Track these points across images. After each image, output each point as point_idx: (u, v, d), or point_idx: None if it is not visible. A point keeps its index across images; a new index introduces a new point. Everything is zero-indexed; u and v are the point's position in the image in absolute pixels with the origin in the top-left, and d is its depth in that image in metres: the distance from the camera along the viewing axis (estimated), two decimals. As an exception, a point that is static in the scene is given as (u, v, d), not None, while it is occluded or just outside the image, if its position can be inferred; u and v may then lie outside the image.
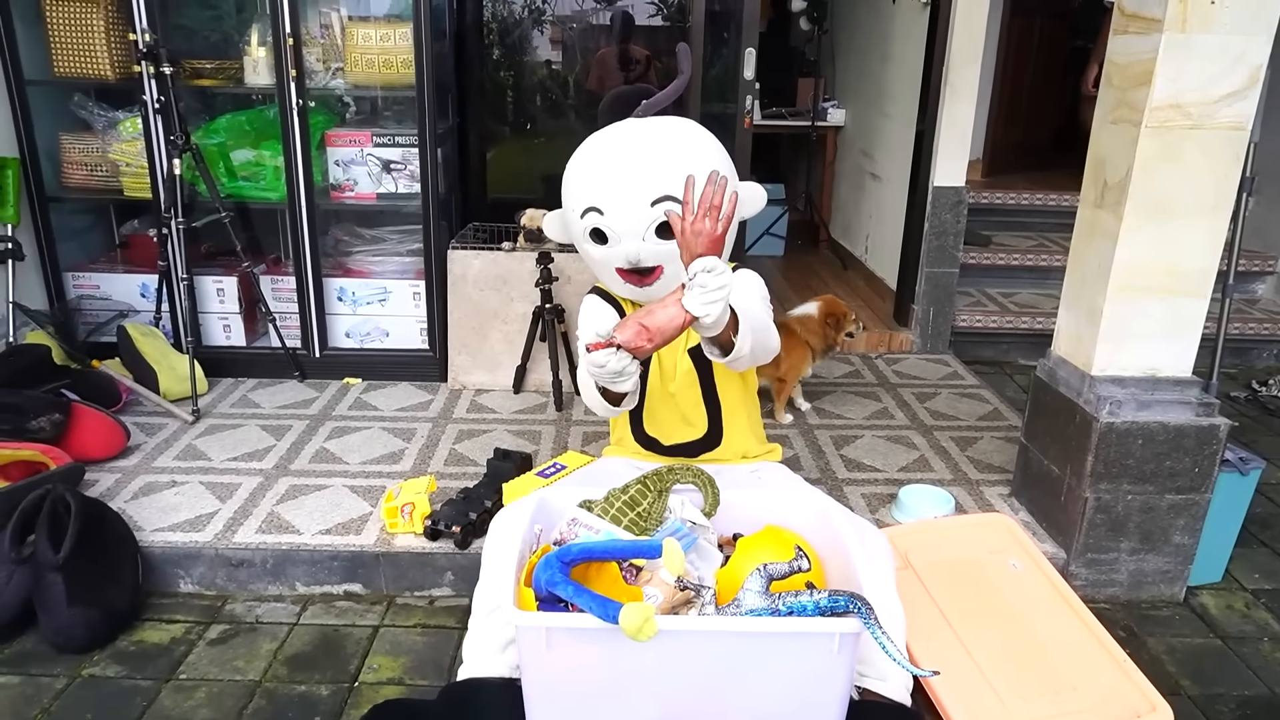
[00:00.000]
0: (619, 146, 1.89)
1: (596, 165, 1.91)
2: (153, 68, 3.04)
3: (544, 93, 5.32)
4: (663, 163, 1.85)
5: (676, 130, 1.92)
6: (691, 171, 1.82)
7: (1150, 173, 2.11)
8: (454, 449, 2.90)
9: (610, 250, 1.91)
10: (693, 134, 1.93)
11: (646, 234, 1.86)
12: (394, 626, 2.26)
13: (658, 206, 1.84)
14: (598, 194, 1.88)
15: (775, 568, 1.64)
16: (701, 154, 1.89)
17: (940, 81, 3.77)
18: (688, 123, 1.96)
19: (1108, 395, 2.25)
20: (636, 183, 1.85)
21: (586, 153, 1.95)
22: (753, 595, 1.62)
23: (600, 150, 1.92)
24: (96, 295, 3.45)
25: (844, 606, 1.55)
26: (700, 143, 1.92)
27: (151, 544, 2.33)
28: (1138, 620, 2.35)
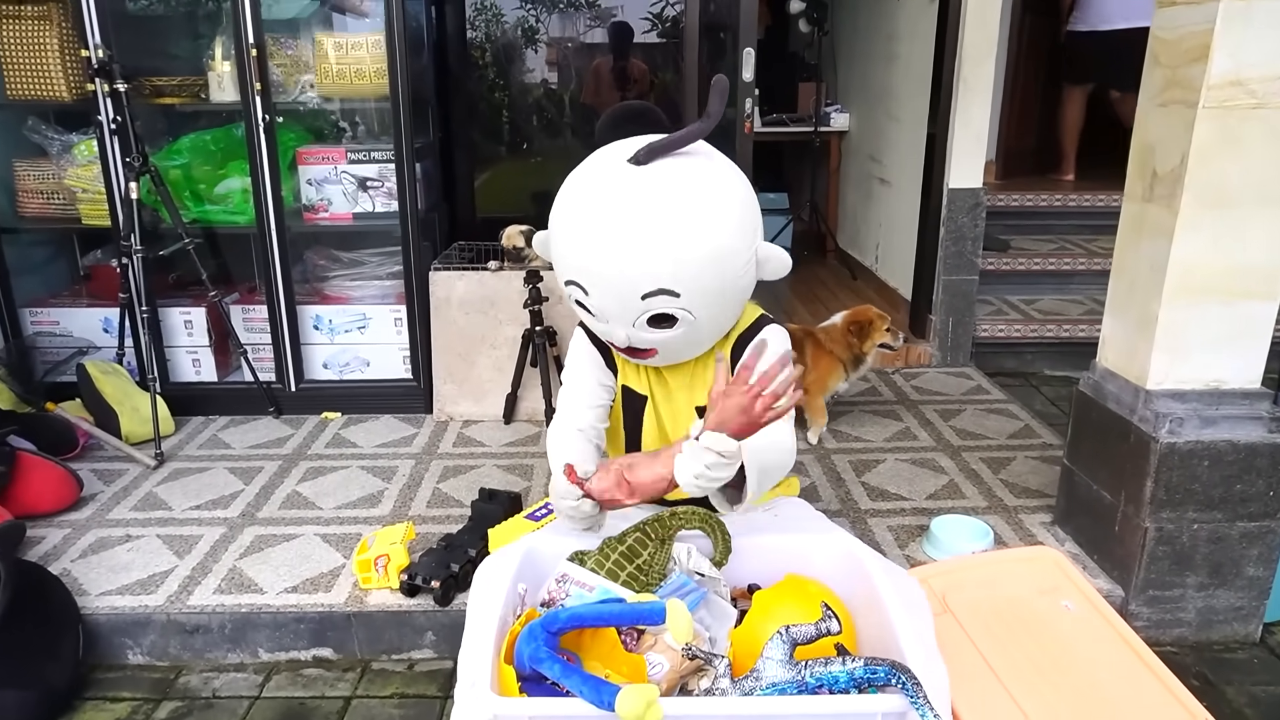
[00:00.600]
0: (610, 213, 1.46)
1: (580, 233, 1.49)
2: (107, 85, 2.82)
3: (537, 107, 5.12)
4: (658, 247, 1.43)
5: (687, 194, 1.46)
6: (701, 261, 1.47)
7: (1208, 160, 1.86)
8: (438, 488, 2.65)
9: (598, 324, 1.60)
10: (702, 194, 1.48)
11: (636, 322, 1.53)
12: (368, 697, 2.00)
13: (650, 300, 1.48)
14: (580, 270, 1.50)
15: (800, 631, 1.39)
16: (712, 227, 1.46)
17: (953, 79, 3.56)
18: (696, 172, 1.49)
19: (1167, 411, 1.99)
20: (624, 271, 1.45)
21: (572, 206, 1.53)
22: (774, 665, 1.37)
23: (587, 210, 1.49)
24: (56, 332, 3.21)
25: (884, 679, 1.29)
26: (712, 206, 1.47)
27: (96, 610, 2.08)
28: (1211, 665, 2.08)
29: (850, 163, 5.34)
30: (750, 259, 1.52)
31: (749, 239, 1.51)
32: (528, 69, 5.15)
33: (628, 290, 1.46)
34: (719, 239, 1.46)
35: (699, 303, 1.49)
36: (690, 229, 1.44)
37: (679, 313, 1.50)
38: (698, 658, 1.40)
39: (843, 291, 4.71)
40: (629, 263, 1.44)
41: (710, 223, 1.46)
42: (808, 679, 1.33)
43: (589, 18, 5.17)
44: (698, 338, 1.59)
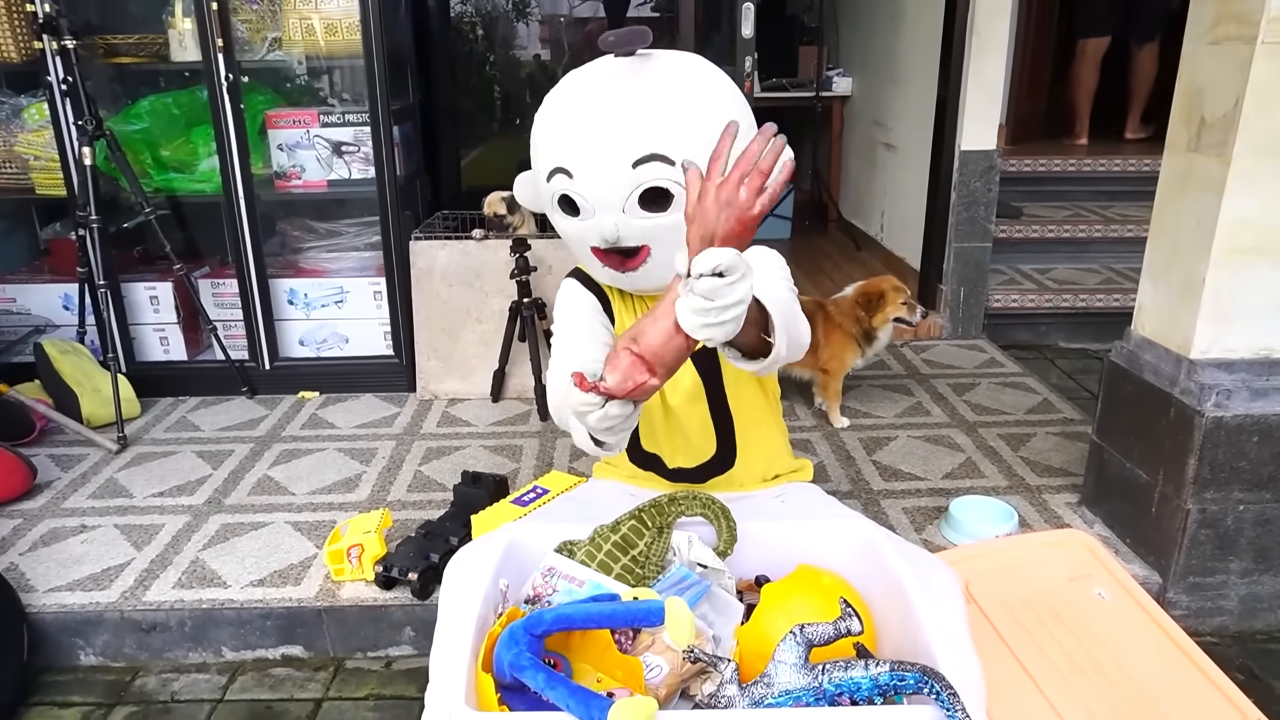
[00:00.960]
0: (596, 87, 1.40)
1: (566, 112, 1.42)
2: (55, 42, 2.62)
3: (524, 71, 4.91)
4: (649, 110, 1.35)
5: (670, 65, 1.42)
6: (697, 127, 1.35)
7: (1267, 102, 1.68)
8: (420, 471, 2.48)
9: (583, 224, 1.45)
10: (693, 69, 1.43)
11: (627, 204, 1.39)
12: (341, 699, 1.84)
13: (642, 168, 1.36)
14: (566, 151, 1.40)
15: (816, 631, 1.22)
16: (706, 96, 1.39)
17: (965, 37, 3.36)
18: (686, 55, 1.47)
19: (1213, 383, 1.81)
20: (614, 137, 1.35)
21: (558, 95, 1.46)
22: (788, 670, 1.20)
23: (573, 92, 1.43)
24: (13, 310, 3.03)
25: (913, 686, 1.13)
26: (703, 80, 1.42)
27: (44, 608, 1.91)
28: (1255, 657, 1.92)
29: (853, 128, 5.13)
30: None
31: (745, 121, 1.40)
32: (516, 37, 4.95)
33: (618, 159, 1.34)
34: (714, 106, 1.37)
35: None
36: (682, 91, 1.37)
37: (674, 187, 1.35)
38: (700, 661, 1.23)
39: (847, 263, 4.53)
40: (620, 126, 1.34)
41: (703, 89, 1.39)
42: (826, 685, 1.16)
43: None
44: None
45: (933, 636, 1.19)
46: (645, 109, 1.35)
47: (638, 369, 1.10)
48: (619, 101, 1.37)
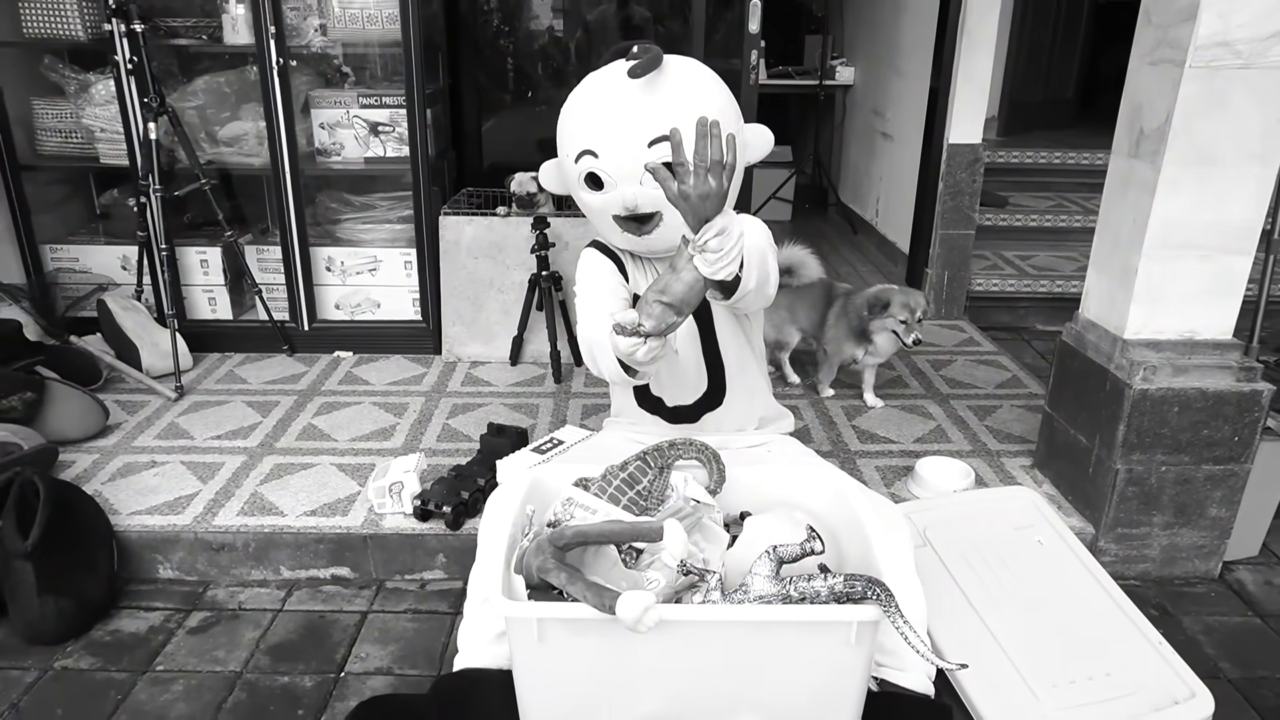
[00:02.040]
0: (614, 85, 1.72)
1: (590, 105, 1.75)
2: (123, 25, 2.87)
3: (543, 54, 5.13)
4: (660, 101, 1.69)
5: (676, 68, 1.75)
6: (695, 113, 1.67)
7: (1193, 118, 1.94)
8: (447, 424, 2.77)
9: (606, 196, 1.76)
10: (694, 72, 1.76)
11: (644, 177, 1.71)
12: (383, 612, 2.14)
13: (656, 147, 1.68)
14: (592, 136, 1.73)
15: (786, 550, 1.51)
16: (704, 93, 1.73)
17: (957, 32, 3.58)
18: (688, 61, 1.79)
19: (1141, 360, 2.09)
20: (632, 123, 1.69)
21: (581, 93, 1.79)
22: (761, 580, 1.49)
23: (595, 90, 1.76)
24: (76, 268, 3.31)
25: (861, 592, 1.42)
26: (703, 81, 1.75)
27: (128, 528, 2.21)
28: (1171, 599, 2.22)
29: (854, 117, 5.36)
30: (738, 130, 1.73)
31: (734, 114, 1.75)
32: (534, 16, 5.14)
33: (635, 141, 1.67)
34: (712, 100, 1.71)
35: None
36: (686, 86, 1.70)
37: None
38: (692, 573, 1.52)
39: (843, 245, 4.78)
40: (636, 114, 1.67)
41: (702, 87, 1.72)
42: (791, 593, 1.45)
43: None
44: None
45: (884, 566, 1.47)
46: (656, 100, 1.68)
47: (669, 312, 1.45)
48: (636, 95, 1.69)
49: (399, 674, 1.93)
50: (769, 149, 1.82)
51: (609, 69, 1.75)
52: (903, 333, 2.74)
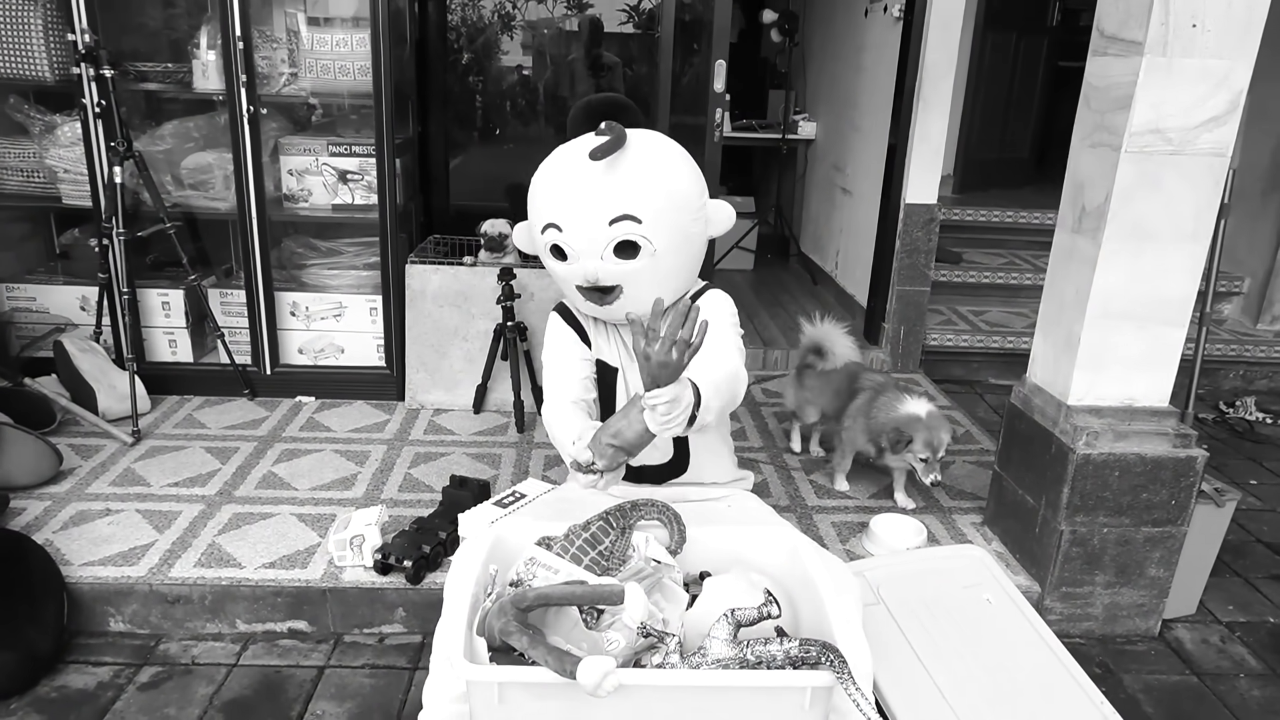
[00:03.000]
0: (579, 163, 1.78)
1: (556, 181, 1.82)
2: (93, 70, 2.88)
3: (511, 100, 5.21)
4: (622, 181, 1.76)
5: (640, 146, 1.81)
6: (658, 193, 1.75)
7: (1130, 199, 2.05)
8: (409, 474, 2.77)
9: (570, 267, 1.83)
10: (658, 150, 1.83)
11: (604, 253, 1.79)
12: (341, 667, 2.13)
13: (616, 226, 1.76)
14: (556, 211, 1.80)
15: (744, 613, 1.55)
16: (667, 173, 1.80)
17: (913, 95, 3.73)
18: (654, 137, 1.86)
19: (1084, 425, 2.19)
20: (594, 201, 1.76)
21: (549, 168, 1.86)
22: (719, 644, 1.52)
23: (561, 165, 1.82)
24: (33, 308, 3.27)
25: (815, 657, 1.46)
26: (666, 159, 1.82)
27: (80, 579, 2.18)
28: (1113, 656, 2.29)
29: (815, 170, 5.51)
30: (701, 207, 1.84)
31: (698, 190, 1.84)
32: (503, 62, 5.22)
33: (597, 219, 1.75)
34: (673, 180, 1.79)
35: (658, 232, 1.76)
36: (649, 167, 1.77)
37: (641, 240, 1.76)
38: (651, 636, 1.55)
39: (803, 295, 4.89)
40: (599, 193, 1.74)
41: (665, 166, 1.80)
42: (749, 657, 1.49)
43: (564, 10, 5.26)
44: (656, 277, 1.82)
45: (835, 625, 1.52)
46: (618, 179, 1.75)
47: (620, 454, 1.65)
48: (599, 174, 1.76)
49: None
50: (730, 224, 1.90)
51: (576, 144, 1.81)
52: (921, 471, 2.53)
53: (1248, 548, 2.78)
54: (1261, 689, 2.18)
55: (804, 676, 1.44)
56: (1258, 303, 4.34)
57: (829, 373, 2.86)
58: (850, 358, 2.85)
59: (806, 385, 2.94)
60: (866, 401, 2.68)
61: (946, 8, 3.58)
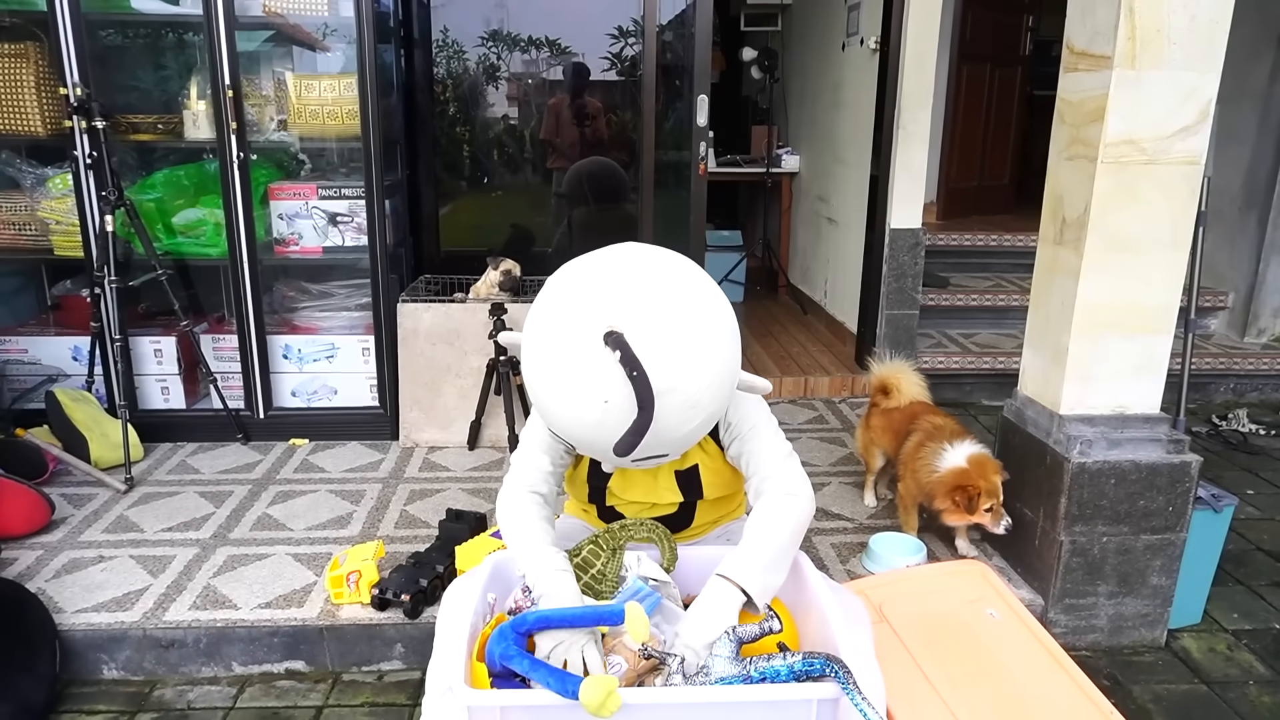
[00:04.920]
0: (593, 398, 1.37)
1: (561, 408, 1.42)
2: (85, 122, 2.92)
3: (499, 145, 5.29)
4: (654, 435, 1.38)
5: (668, 379, 1.35)
6: (684, 432, 1.45)
7: (1108, 209, 2.09)
8: (405, 510, 2.76)
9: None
10: (688, 381, 1.37)
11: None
12: (340, 706, 2.09)
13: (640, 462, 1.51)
14: (565, 433, 1.48)
15: (745, 630, 1.53)
16: (698, 409, 1.42)
17: (893, 125, 3.80)
18: (684, 362, 1.37)
19: (1078, 435, 2.19)
20: (610, 443, 1.41)
21: (549, 377, 1.41)
22: (722, 661, 1.51)
23: (566, 387, 1.40)
24: (24, 360, 3.27)
25: (819, 670, 1.44)
26: (699, 390, 1.39)
27: (73, 627, 2.15)
28: (1121, 668, 2.27)
29: (800, 202, 5.58)
30: (726, 404, 1.49)
31: (725, 396, 1.46)
32: (490, 108, 5.30)
33: (624, 460, 1.47)
34: (699, 418, 1.43)
35: (682, 447, 1.53)
36: (671, 415, 1.39)
37: (663, 456, 1.54)
38: (653, 657, 1.53)
39: (793, 325, 4.92)
40: (613, 438, 1.40)
41: (691, 403, 1.40)
42: (752, 673, 1.47)
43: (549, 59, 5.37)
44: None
45: (844, 651, 1.50)
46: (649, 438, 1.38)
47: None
48: (616, 416, 1.37)
49: (355, 772, 1.89)
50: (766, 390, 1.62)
51: (583, 330, 1.37)
52: (989, 523, 2.33)
53: (1249, 556, 2.78)
54: (1272, 695, 2.16)
55: (809, 688, 1.42)
56: (1243, 317, 4.38)
57: (890, 412, 2.72)
58: (916, 396, 2.72)
59: (872, 426, 2.80)
60: (914, 447, 2.53)
61: (921, 40, 3.67)
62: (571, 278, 1.48)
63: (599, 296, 1.41)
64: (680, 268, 1.48)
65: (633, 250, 1.50)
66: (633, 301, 1.40)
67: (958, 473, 2.36)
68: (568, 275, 1.49)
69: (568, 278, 1.48)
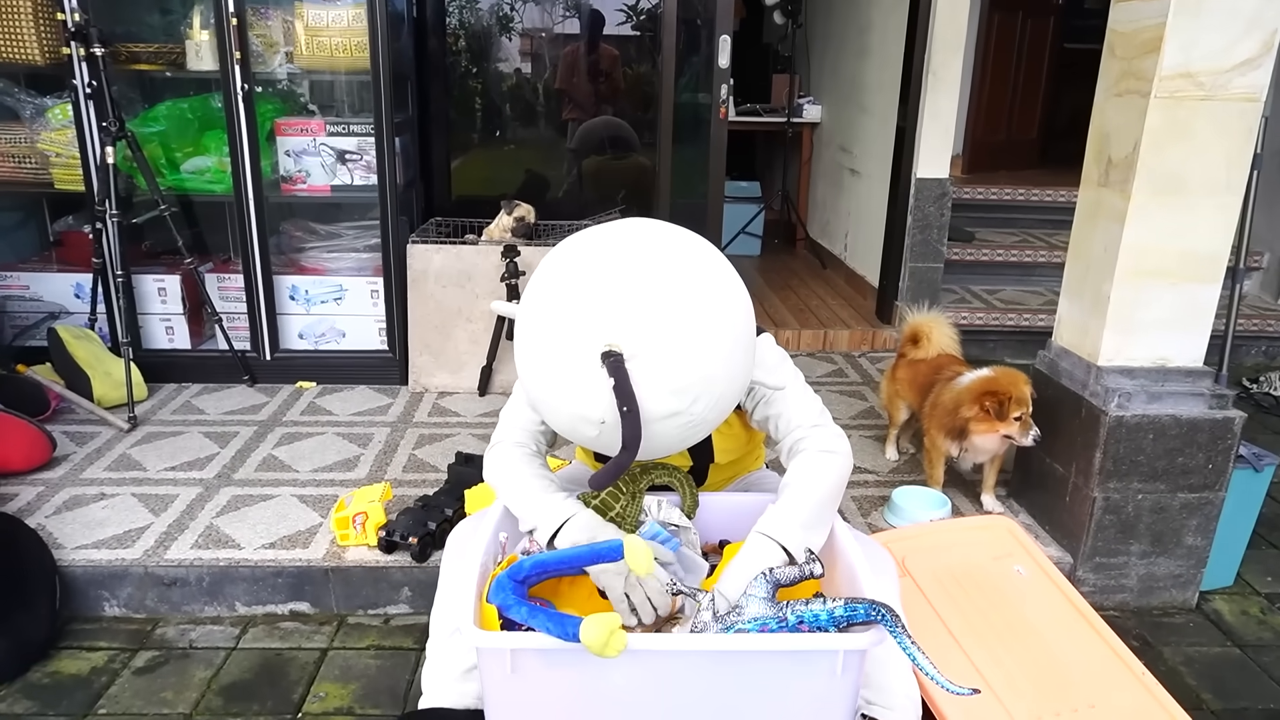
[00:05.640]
0: (593, 420, 1.28)
1: (560, 418, 1.35)
2: (83, 49, 2.81)
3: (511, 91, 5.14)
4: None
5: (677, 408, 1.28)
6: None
7: (1159, 148, 1.96)
8: (414, 454, 2.69)
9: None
10: (698, 403, 1.28)
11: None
12: (344, 649, 2.04)
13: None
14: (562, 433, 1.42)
15: (784, 572, 1.43)
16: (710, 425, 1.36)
17: (922, 72, 3.65)
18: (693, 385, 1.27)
19: (1116, 387, 2.09)
20: (602, 449, 1.36)
21: (548, 391, 1.32)
22: (757, 602, 1.41)
23: (565, 403, 1.30)
24: (26, 296, 3.19)
25: (863, 616, 1.34)
26: (711, 413, 1.32)
27: (73, 563, 2.09)
28: (1150, 629, 2.20)
29: (821, 153, 5.43)
30: (750, 336, 1.38)
31: (734, 402, 1.38)
32: (503, 55, 5.16)
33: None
34: (705, 432, 1.38)
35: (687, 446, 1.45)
36: (670, 435, 1.33)
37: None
38: (682, 592, 1.45)
39: (812, 279, 4.81)
40: (612, 448, 1.32)
41: (696, 423, 1.33)
42: (789, 616, 1.37)
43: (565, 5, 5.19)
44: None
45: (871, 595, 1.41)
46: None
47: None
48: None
49: (360, 713, 1.84)
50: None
51: (581, 351, 1.25)
52: (1019, 433, 2.25)
53: (1282, 519, 2.69)
54: (1306, 660, 2.09)
55: (837, 639, 1.35)
56: (1278, 278, 4.24)
57: (917, 363, 2.64)
58: (946, 348, 2.62)
59: (898, 378, 2.72)
60: (936, 394, 2.45)
61: (954, -16, 3.51)
62: (569, 273, 1.31)
63: (597, 305, 1.26)
64: (689, 261, 1.32)
65: (636, 241, 1.33)
66: (634, 314, 1.24)
67: (987, 379, 2.33)
68: (565, 268, 1.32)
69: (565, 272, 1.32)
